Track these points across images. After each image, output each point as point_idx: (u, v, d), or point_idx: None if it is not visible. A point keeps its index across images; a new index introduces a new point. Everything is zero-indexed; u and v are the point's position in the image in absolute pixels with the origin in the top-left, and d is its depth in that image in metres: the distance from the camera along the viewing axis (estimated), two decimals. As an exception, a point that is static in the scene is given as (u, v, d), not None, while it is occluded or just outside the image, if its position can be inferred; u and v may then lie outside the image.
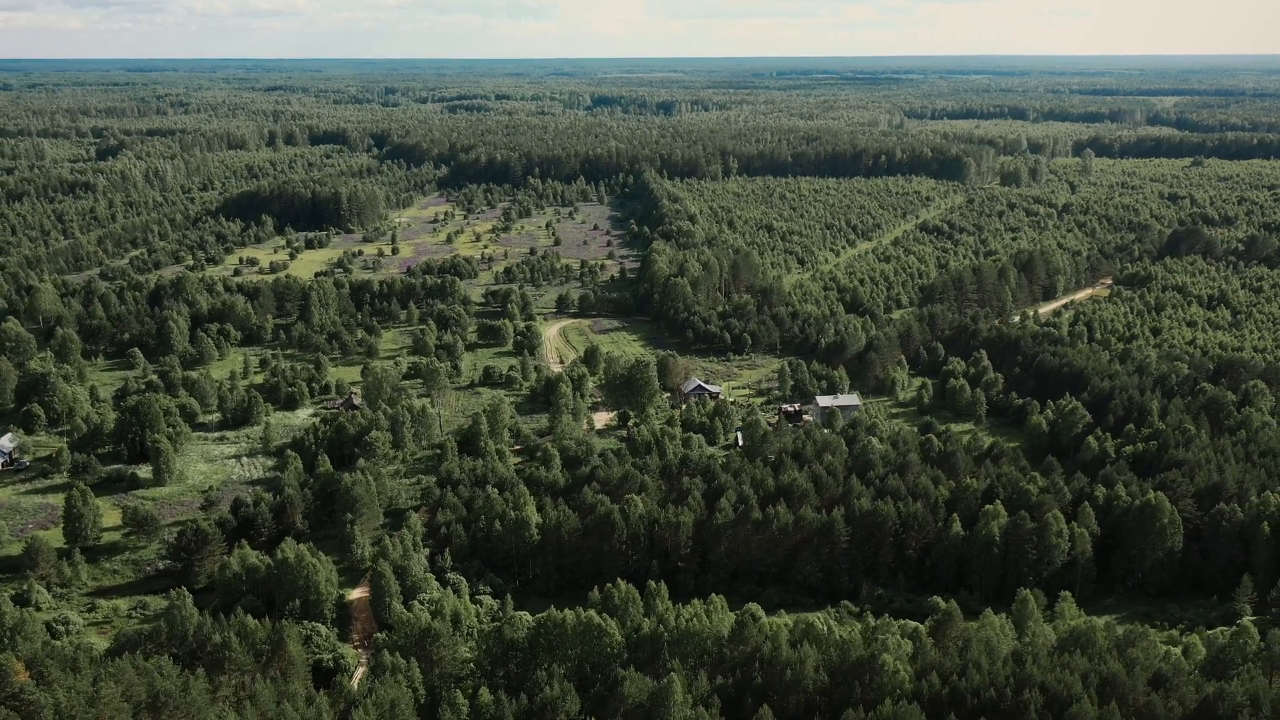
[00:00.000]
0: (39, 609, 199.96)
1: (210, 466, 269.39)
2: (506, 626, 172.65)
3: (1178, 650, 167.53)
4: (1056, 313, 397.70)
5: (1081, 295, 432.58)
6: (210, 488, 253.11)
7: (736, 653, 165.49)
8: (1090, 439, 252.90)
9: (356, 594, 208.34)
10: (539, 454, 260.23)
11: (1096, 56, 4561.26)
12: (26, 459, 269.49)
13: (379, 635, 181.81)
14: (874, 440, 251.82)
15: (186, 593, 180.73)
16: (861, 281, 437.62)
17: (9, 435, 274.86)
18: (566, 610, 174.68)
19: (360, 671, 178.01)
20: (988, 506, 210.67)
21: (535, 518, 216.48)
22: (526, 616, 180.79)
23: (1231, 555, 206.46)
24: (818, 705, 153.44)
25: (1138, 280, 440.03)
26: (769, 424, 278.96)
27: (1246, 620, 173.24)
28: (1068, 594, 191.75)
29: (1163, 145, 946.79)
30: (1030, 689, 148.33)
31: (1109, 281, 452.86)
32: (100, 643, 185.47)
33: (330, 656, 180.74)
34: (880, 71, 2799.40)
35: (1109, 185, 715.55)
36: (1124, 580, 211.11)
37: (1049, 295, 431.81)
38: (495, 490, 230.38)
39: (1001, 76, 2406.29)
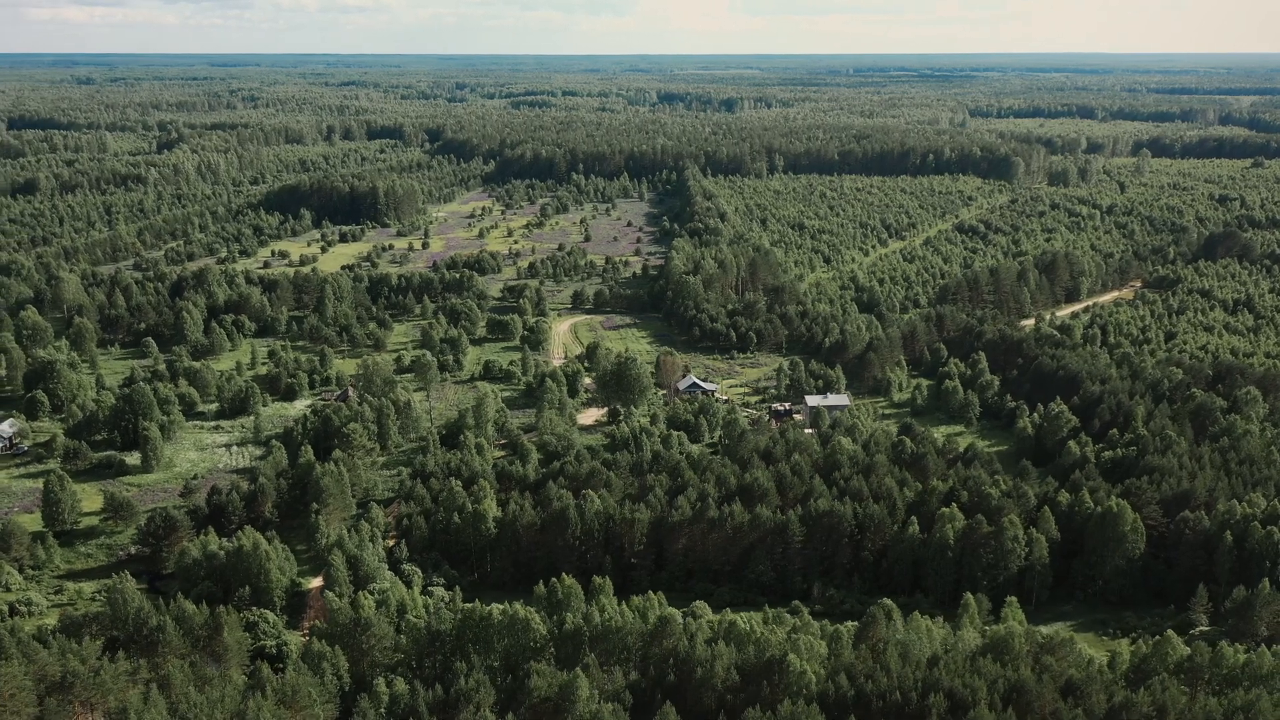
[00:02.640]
0: (8, 590, 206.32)
1: (200, 455, 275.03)
2: (433, 619, 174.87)
3: (1103, 658, 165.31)
4: (1075, 315, 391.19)
5: (1107, 298, 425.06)
6: (195, 475, 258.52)
7: (657, 650, 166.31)
8: (1072, 443, 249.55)
9: (316, 583, 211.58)
10: (519, 448, 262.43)
11: (1188, 54, 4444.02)
12: (25, 444, 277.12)
13: (316, 623, 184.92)
14: (844, 441, 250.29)
15: (129, 576, 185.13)
16: (881, 281, 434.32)
17: (9, 421, 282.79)
18: (493, 604, 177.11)
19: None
20: (944, 509, 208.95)
21: (493, 511, 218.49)
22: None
23: (1194, 564, 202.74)
24: (726, 704, 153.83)
25: (1167, 283, 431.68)
26: (749, 422, 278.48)
27: (1171, 631, 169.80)
28: (1013, 599, 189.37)
29: (1225, 145, 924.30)
30: (936, 694, 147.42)
31: (1138, 284, 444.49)
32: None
33: (274, 643, 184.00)
34: (958, 69, 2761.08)
35: (1159, 186, 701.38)
36: (1085, 587, 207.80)
37: (1072, 297, 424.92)
38: (458, 483, 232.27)
39: (1080, 74, 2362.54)
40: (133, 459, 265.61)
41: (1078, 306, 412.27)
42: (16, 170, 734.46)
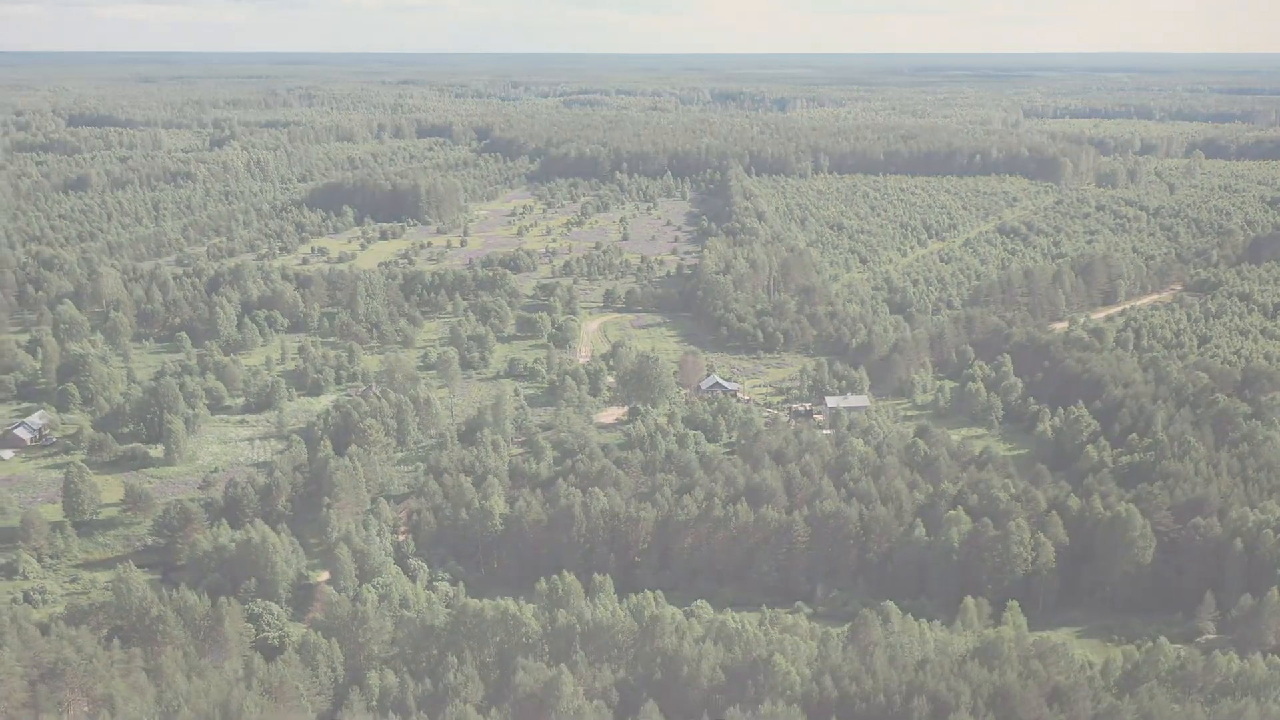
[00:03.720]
0: (25, 578, 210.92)
1: (223, 448, 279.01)
2: (427, 613, 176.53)
3: (1098, 664, 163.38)
4: (1110, 318, 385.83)
5: (1145, 301, 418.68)
6: (215, 469, 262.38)
7: (648, 648, 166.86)
8: (1090, 448, 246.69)
9: (325, 576, 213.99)
10: (534, 446, 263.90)
11: (1260, 54, 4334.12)
12: (54, 435, 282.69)
13: (315, 616, 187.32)
14: (857, 442, 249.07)
15: (133, 567, 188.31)
16: (915, 282, 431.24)
17: (39, 412, 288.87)
18: (484, 600, 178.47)
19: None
20: (950, 512, 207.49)
21: (501, 508, 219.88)
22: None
23: (1203, 571, 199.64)
24: (711, 703, 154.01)
25: (1207, 286, 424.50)
26: (765, 422, 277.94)
27: (1163, 638, 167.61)
28: (1014, 603, 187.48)
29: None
30: (919, 697, 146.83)
31: (1178, 287, 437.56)
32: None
33: (277, 635, 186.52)
34: (1018, 69, 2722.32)
35: (1210, 188, 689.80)
36: (1093, 593, 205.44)
37: (1110, 300, 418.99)
38: (468, 480, 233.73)
39: (1143, 74, 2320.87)
40: (156, 451, 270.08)
41: (1114, 310, 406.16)
42: (70, 167, 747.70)
